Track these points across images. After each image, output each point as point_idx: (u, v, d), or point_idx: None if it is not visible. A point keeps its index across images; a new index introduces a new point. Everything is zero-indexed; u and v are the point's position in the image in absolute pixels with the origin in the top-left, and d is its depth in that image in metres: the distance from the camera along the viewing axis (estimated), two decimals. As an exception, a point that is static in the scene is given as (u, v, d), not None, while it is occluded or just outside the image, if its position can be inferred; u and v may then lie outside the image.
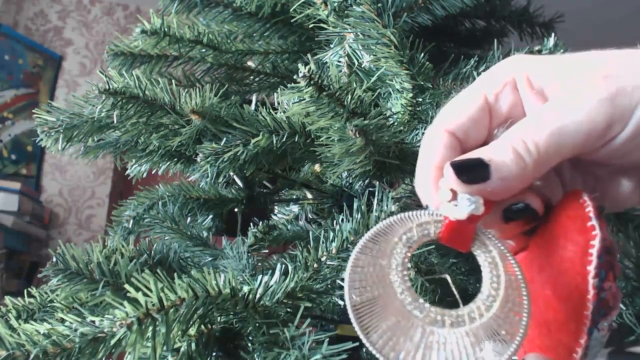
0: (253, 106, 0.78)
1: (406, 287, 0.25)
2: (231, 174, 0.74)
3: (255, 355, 0.45)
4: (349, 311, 0.24)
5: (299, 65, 0.50)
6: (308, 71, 0.48)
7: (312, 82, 0.49)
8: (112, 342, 0.40)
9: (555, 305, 0.25)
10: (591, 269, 0.24)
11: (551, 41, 0.65)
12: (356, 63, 0.66)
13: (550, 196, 0.29)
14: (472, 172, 0.26)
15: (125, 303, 0.39)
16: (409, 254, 0.26)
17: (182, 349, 0.48)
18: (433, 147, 0.29)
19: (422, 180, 0.29)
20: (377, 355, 0.23)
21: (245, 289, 0.46)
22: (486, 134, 0.29)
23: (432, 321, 0.24)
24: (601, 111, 0.25)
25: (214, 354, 0.50)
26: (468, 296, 0.26)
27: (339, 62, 0.68)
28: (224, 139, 0.60)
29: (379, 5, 0.62)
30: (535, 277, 0.27)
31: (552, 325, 0.25)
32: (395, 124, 0.61)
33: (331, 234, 0.54)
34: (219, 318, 0.49)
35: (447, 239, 0.26)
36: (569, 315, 0.24)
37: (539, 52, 0.65)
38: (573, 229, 0.25)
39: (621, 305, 0.53)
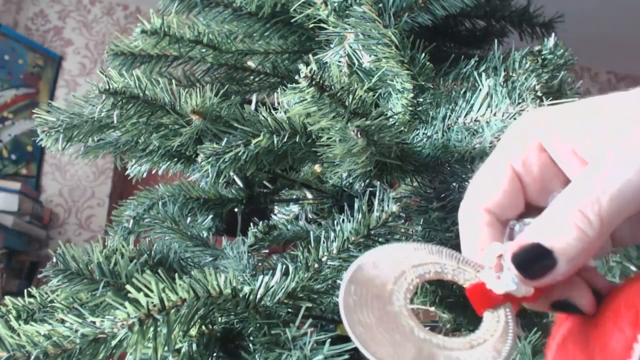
0: (253, 106, 0.78)
1: (404, 298, 0.26)
2: (231, 174, 0.74)
3: (256, 356, 0.45)
4: (340, 300, 0.25)
5: (301, 65, 0.50)
6: (310, 71, 0.48)
7: (313, 82, 0.49)
8: (113, 342, 0.40)
9: None
10: None
11: (551, 41, 0.65)
12: (356, 63, 0.66)
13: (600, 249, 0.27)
14: (536, 264, 0.24)
15: (127, 303, 0.39)
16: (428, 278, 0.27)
17: (183, 350, 0.48)
18: (475, 229, 0.28)
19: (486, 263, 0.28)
20: (352, 338, 0.24)
21: (246, 289, 0.46)
22: (522, 199, 0.28)
23: (417, 333, 0.25)
24: None
25: (214, 354, 0.50)
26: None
27: (339, 62, 0.68)
28: (225, 139, 0.60)
29: (380, 5, 0.62)
30: (576, 354, 0.26)
31: None
32: (396, 124, 0.61)
33: (332, 234, 0.54)
34: (220, 318, 0.49)
35: (472, 295, 0.26)
36: None
37: (539, 52, 0.65)
38: (624, 318, 0.24)
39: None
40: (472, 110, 0.56)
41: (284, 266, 0.52)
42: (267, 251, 0.84)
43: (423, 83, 0.61)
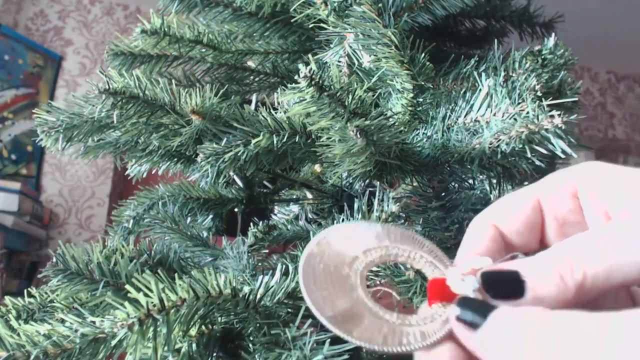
0: (253, 106, 0.78)
1: (364, 267, 0.27)
2: (231, 174, 0.74)
3: (256, 356, 0.45)
4: (305, 249, 0.26)
5: (300, 65, 0.50)
6: (309, 71, 0.48)
7: (313, 82, 0.49)
8: (113, 342, 0.40)
9: None
10: None
11: (551, 41, 0.65)
12: (356, 63, 0.66)
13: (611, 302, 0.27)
14: (502, 285, 0.24)
15: (126, 303, 0.39)
16: (395, 260, 0.28)
17: (183, 350, 0.48)
18: (477, 237, 0.29)
19: (460, 265, 0.29)
20: (300, 281, 0.25)
21: (246, 289, 0.46)
22: (538, 235, 0.29)
23: (358, 293, 0.26)
24: None
25: (214, 354, 0.50)
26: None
27: (339, 62, 0.68)
28: (225, 139, 0.60)
29: (380, 5, 0.62)
30: None
31: None
32: (396, 124, 0.61)
33: (332, 234, 0.54)
34: (219, 318, 0.49)
35: (431, 286, 0.27)
36: None
37: (539, 52, 0.65)
38: None
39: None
40: (472, 110, 0.56)
41: (284, 266, 0.52)
42: (267, 251, 0.84)
43: (423, 83, 0.61)
